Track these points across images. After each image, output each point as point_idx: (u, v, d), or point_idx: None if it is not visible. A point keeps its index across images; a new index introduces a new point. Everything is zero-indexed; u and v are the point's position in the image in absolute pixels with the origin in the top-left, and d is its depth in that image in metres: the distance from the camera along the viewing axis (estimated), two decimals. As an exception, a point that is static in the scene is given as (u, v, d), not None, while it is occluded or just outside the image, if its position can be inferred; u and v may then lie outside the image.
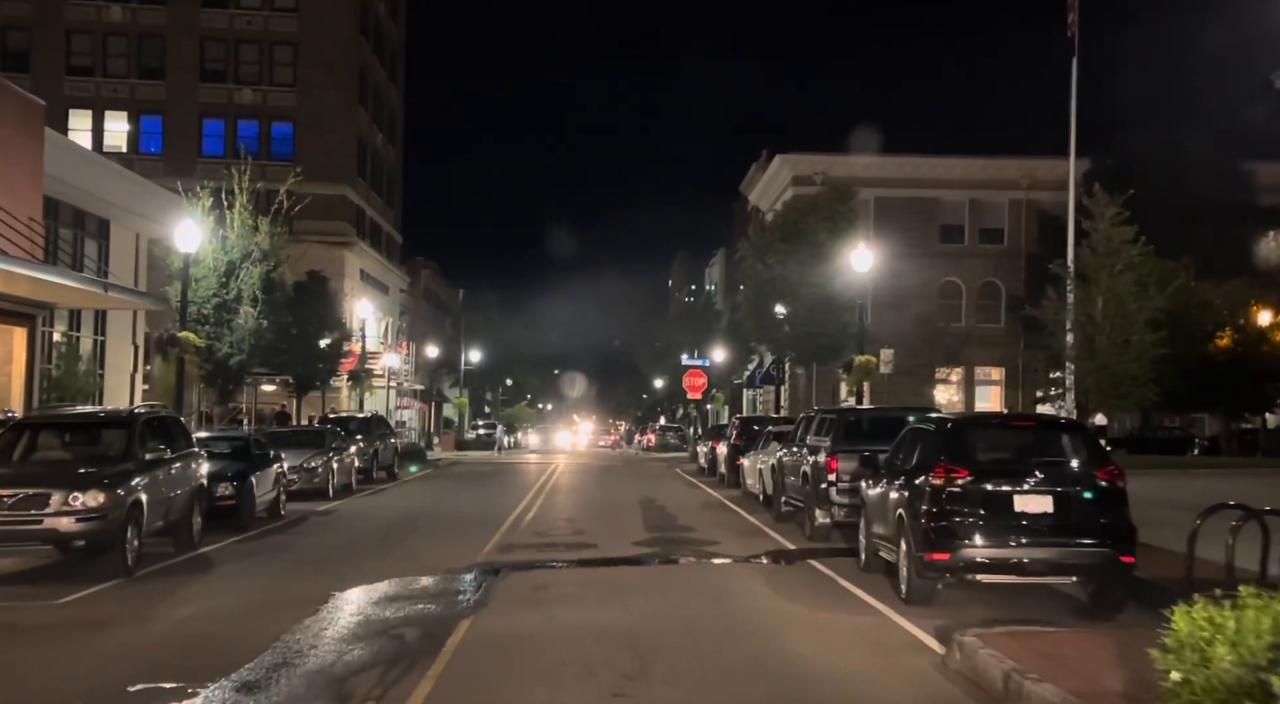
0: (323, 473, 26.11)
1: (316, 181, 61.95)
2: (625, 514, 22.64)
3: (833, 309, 35.38)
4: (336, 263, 59.80)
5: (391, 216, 76.51)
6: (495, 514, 22.37)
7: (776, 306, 35.98)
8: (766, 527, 19.96)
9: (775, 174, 62.90)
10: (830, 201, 35.72)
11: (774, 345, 37.80)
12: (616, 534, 18.80)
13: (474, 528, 19.92)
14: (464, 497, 28.11)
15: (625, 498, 26.93)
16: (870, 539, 13.73)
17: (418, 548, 17.17)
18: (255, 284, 27.95)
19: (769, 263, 35.20)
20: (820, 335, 35.57)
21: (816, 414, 18.97)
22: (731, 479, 30.14)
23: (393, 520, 21.61)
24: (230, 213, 29.18)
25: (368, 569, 14.63)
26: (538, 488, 30.18)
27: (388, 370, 59.85)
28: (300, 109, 62.71)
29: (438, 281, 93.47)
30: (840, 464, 16.71)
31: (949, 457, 11.39)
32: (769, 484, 23.51)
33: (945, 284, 57.85)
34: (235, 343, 27.73)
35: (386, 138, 73.68)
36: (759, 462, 24.67)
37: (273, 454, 21.85)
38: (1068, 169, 54.00)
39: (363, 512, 23.71)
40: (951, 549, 11.03)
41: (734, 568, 15.04)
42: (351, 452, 29.00)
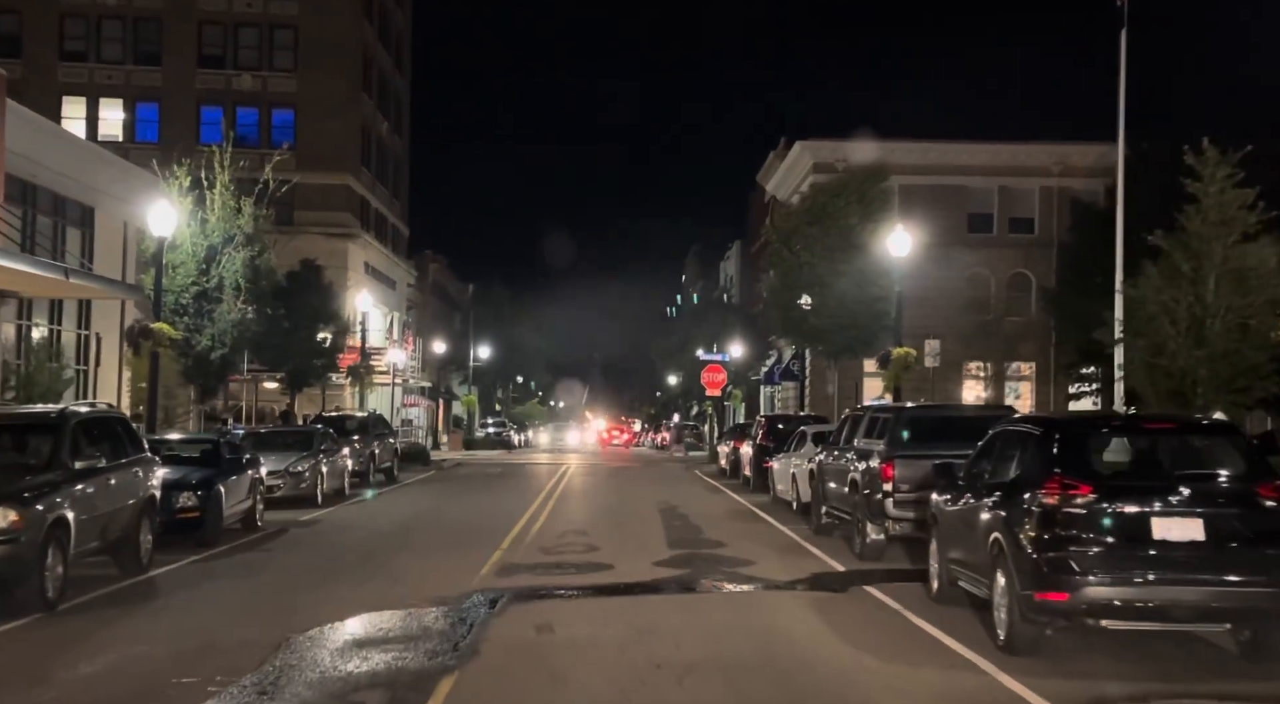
0: (310, 477, 23.74)
1: (318, 170, 59.78)
2: (644, 524, 20.20)
3: (864, 298, 32.86)
4: (339, 255, 57.52)
5: (398, 208, 74.19)
6: (498, 524, 19.96)
7: (803, 296, 33.47)
8: (805, 541, 17.49)
9: (795, 161, 60.33)
10: (861, 183, 33.22)
11: (800, 338, 35.25)
12: (635, 550, 16.37)
13: (473, 542, 17.51)
14: (466, 503, 25.72)
15: (643, 504, 24.50)
16: (947, 565, 11.27)
17: (405, 568, 14.75)
18: (238, 271, 25.56)
19: (795, 249, 32.71)
20: (851, 327, 33.05)
21: (866, 413, 16.50)
22: (758, 483, 27.68)
23: (383, 533, 19.20)
24: (211, 194, 26.83)
25: (340, 599, 12.23)
26: (546, 492, 27.78)
27: (392, 367, 57.55)
28: (301, 95, 60.42)
29: (446, 276, 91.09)
30: (898, 471, 14.25)
31: (1065, 468, 8.91)
32: (803, 491, 21.07)
33: (973, 275, 55.26)
34: (217, 336, 25.36)
35: (392, 127, 71.34)
36: (791, 465, 22.22)
37: (247, 458, 19.46)
38: (1100, 154, 51.58)
39: (352, 522, 21.32)
40: (1071, 588, 8.56)
41: (779, 598, 12.57)
42: (344, 454, 26.63)
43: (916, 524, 14.31)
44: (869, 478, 14.83)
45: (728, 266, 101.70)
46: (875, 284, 33.22)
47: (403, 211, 75.89)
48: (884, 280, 33.45)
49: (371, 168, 65.57)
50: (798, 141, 58.03)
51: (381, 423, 32.36)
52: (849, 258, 32.82)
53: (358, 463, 29.25)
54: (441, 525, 20.72)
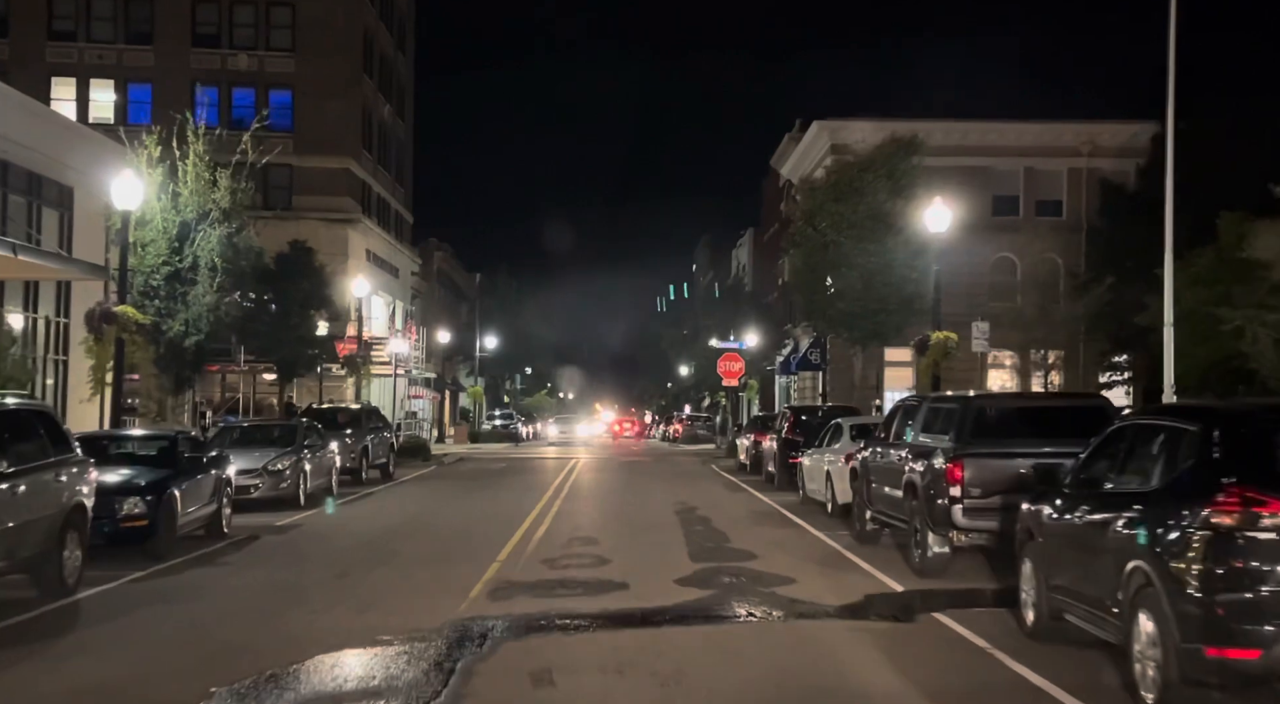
0: (291, 476, 21.46)
1: (317, 154, 57.56)
2: (661, 531, 17.88)
3: (894, 280, 30.51)
4: (339, 242, 55.29)
5: (401, 195, 71.86)
6: (497, 530, 17.68)
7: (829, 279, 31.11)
8: (849, 551, 15.15)
9: (812, 143, 57.92)
10: (890, 156, 30.82)
11: (825, 323, 32.86)
12: (652, 564, 14.06)
13: (466, 553, 15.23)
14: (464, 504, 23.41)
15: (658, 506, 22.18)
16: (1048, 594, 8.94)
17: (382, 589, 12.46)
18: (213, 249, 23.27)
19: (820, 228, 30.32)
20: (880, 311, 30.69)
21: (923, 403, 14.11)
22: (783, 481, 25.35)
23: (366, 541, 16.91)
24: (184, 164, 24.55)
25: (294, 634, 9.96)
26: (553, 491, 25.48)
27: (394, 357, 55.31)
28: (300, 76, 58.07)
29: (452, 264, 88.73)
30: (968, 472, 11.89)
31: (1243, 476, 6.55)
32: (840, 491, 18.75)
33: (998, 260, 52.87)
34: (191, 321, 23.08)
35: (395, 111, 68.98)
36: (825, 462, 19.88)
37: (212, 456, 17.19)
38: (1132, 133, 49.12)
39: (334, 527, 19.05)
40: (1265, 643, 6.22)
41: (833, 632, 10.25)
42: (332, 449, 24.35)
43: (990, 535, 12.00)
44: (930, 480, 12.48)
45: (740, 255, 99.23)
46: (907, 265, 30.89)
47: (406, 198, 73.57)
48: (917, 260, 31.13)
49: (373, 152, 63.25)
50: (815, 121, 55.64)
51: (376, 416, 30.09)
52: (878, 236, 30.46)
53: (349, 459, 27.03)
54: (433, 531, 18.42)
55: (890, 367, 50.90)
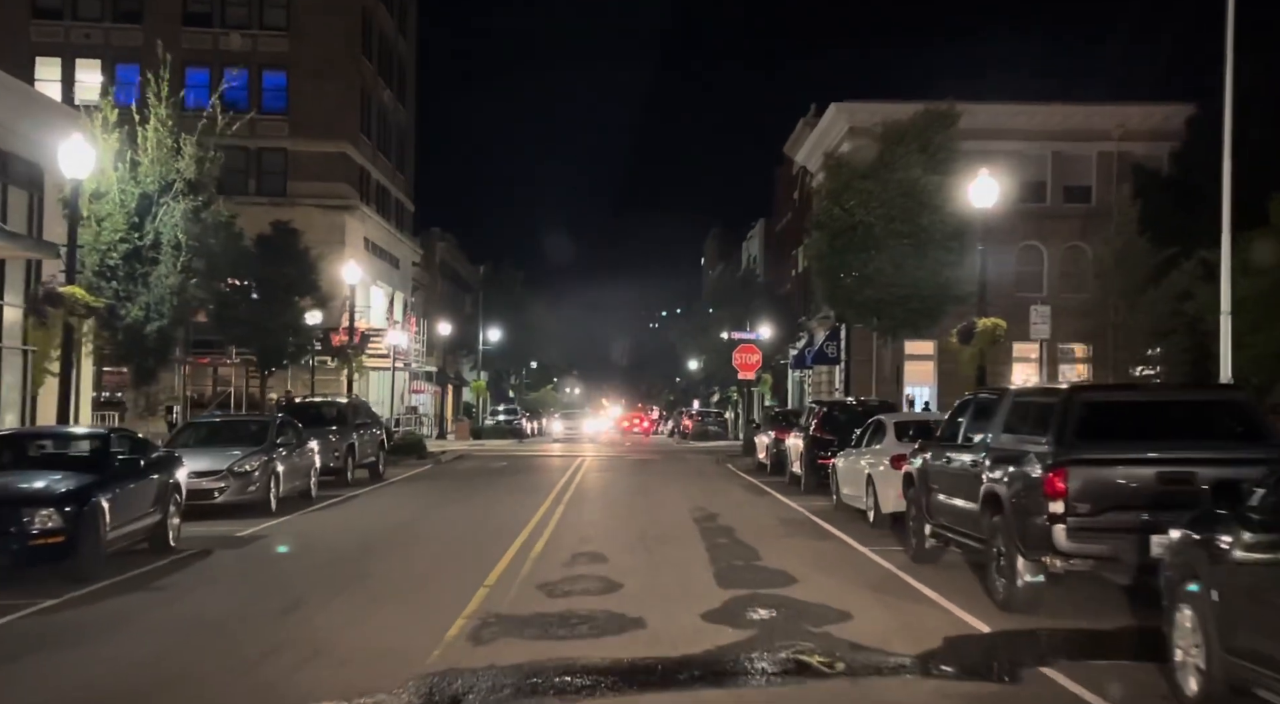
0: (260, 478, 19.04)
1: (313, 138, 55.15)
2: (679, 544, 15.41)
3: (928, 264, 28.03)
4: (336, 230, 52.89)
5: (402, 182, 69.43)
6: (490, 543, 15.25)
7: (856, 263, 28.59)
8: (906, 573, 12.67)
9: (828, 127, 55.41)
10: (925, 129, 28.29)
11: (851, 312, 30.37)
12: (672, 590, 11.62)
13: (450, 574, 12.83)
14: (457, 510, 20.95)
15: (674, 512, 19.72)
16: (1231, 658, 6.47)
17: (337, 627, 10.02)
18: (177, 225, 20.85)
19: (848, 206, 27.80)
20: (913, 297, 28.20)
21: (1004, 397, 11.58)
22: (812, 483, 22.88)
23: (334, 558, 14.48)
24: (144, 130, 22.14)
25: (206, 697, 7.53)
26: (556, 494, 23.04)
27: (392, 349, 52.96)
28: (295, 56, 55.67)
29: (456, 256, 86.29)
30: (1074, 483, 9.41)
31: None
32: (883, 498, 16.31)
33: (1024, 249, 50.39)
34: (152, 304, 20.66)
35: (395, 95, 66.52)
36: (864, 464, 17.41)
37: (155, 458, 14.75)
38: (1165, 116, 46.50)
39: (302, 539, 16.60)
40: None
41: (918, 694, 7.79)
42: (310, 448, 21.92)
43: (1100, 562, 9.54)
44: (1022, 492, 10.00)
45: (750, 247, 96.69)
46: (942, 247, 28.40)
47: (407, 186, 71.13)
48: (953, 242, 28.67)
49: (372, 137, 60.81)
50: (833, 103, 53.15)
51: (364, 410, 27.65)
52: (911, 216, 27.95)
53: (332, 458, 24.60)
54: (415, 545, 15.96)
55: (911, 360, 48.53)
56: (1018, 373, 51.88)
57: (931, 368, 50.27)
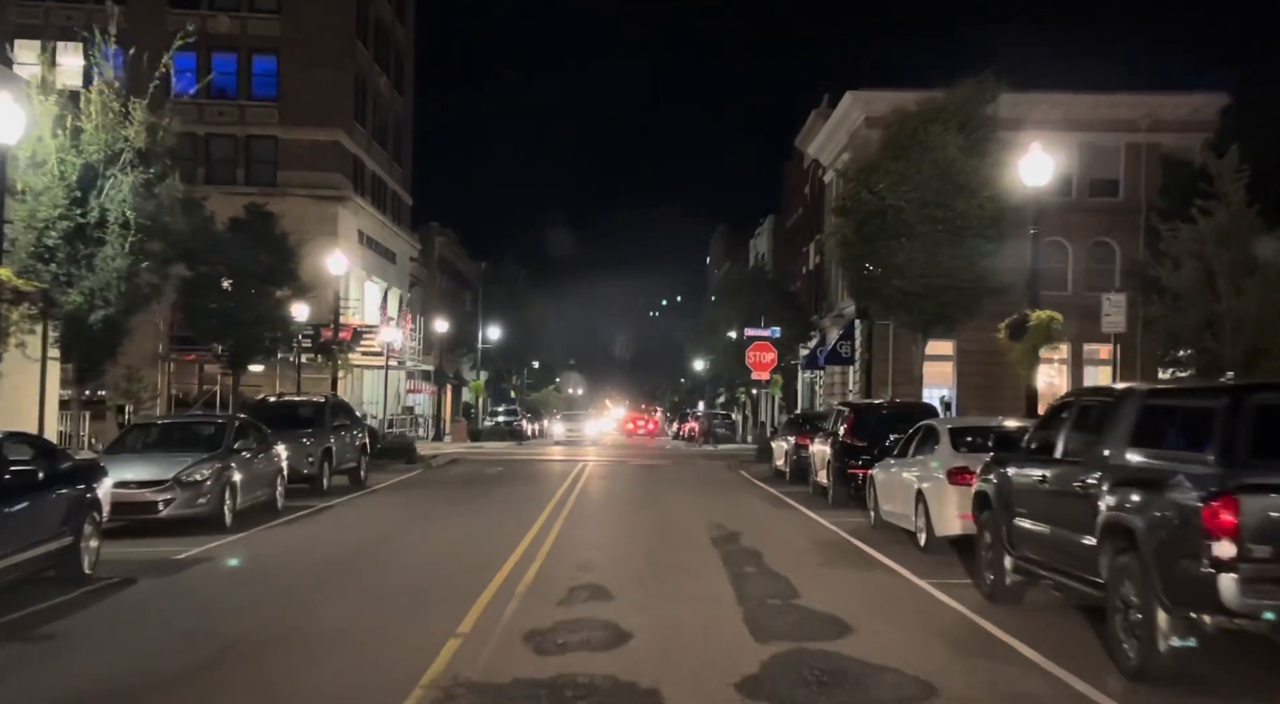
0: (212, 489, 16.53)
1: (305, 125, 52.65)
2: (698, 574, 12.86)
3: (964, 253, 25.51)
4: (328, 221, 50.42)
5: (399, 174, 66.94)
6: (470, 571, 12.74)
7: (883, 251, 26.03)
8: (985, 618, 10.12)
9: (843, 117, 52.94)
10: (963, 104, 25.71)
11: (879, 305, 27.78)
12: (695, 644, 9.09)
13: (415, 616, 10.30)
14: (439, 525, 18.40)
15: (689, 529, 17.16)
16: None
17: (256, 699, 7.52)
18: (125, 200, 18.36)
19: (877, 189, 25.25)
20: (947, 289, 25.65)
21: (1131, 399, 8.94)
22: (840, 496, 20.36)
23: (280, 591, 11.97)
24: (88, 92, 19.64)
25: None
26: (553, 507, 20.49)
27: (387, 347, 50.44)
28: (286, 40, 53.19)
29: (456, 252, 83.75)
30: (1246, 517, 6.88)
31: None
32: (938, 518, 13.79)
33: (1048, 245, 47.86)
34: (97, 290, 18.17)
35: (392, 84, 64.03)
36: (913, 478, 14.85)
37: (67, 468, 12.24)
38: (1197, 106, 43.95)
39: (250, 563, 14.09)
40: None
41: None
42: (277, 453, 19.40)
43: None
44: (1166, 526, 7.46)
45: (758, 244, 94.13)
46: (980, 234, 25.85)
47: (405, 179, 68.63)
48: (991, 230, 26.14)
49: (367, 126, 58.31)
50: (848, 92, 50.65)
51: (343, 410, 25.11)
52: (946, 200, 25.40)
53: (306, 464, 22.11)
54: (382, 573, 13.40)
55: (929, 361, 45.94)
56: (1041, 375, 49.42)
57: (950, 369, 47.81)
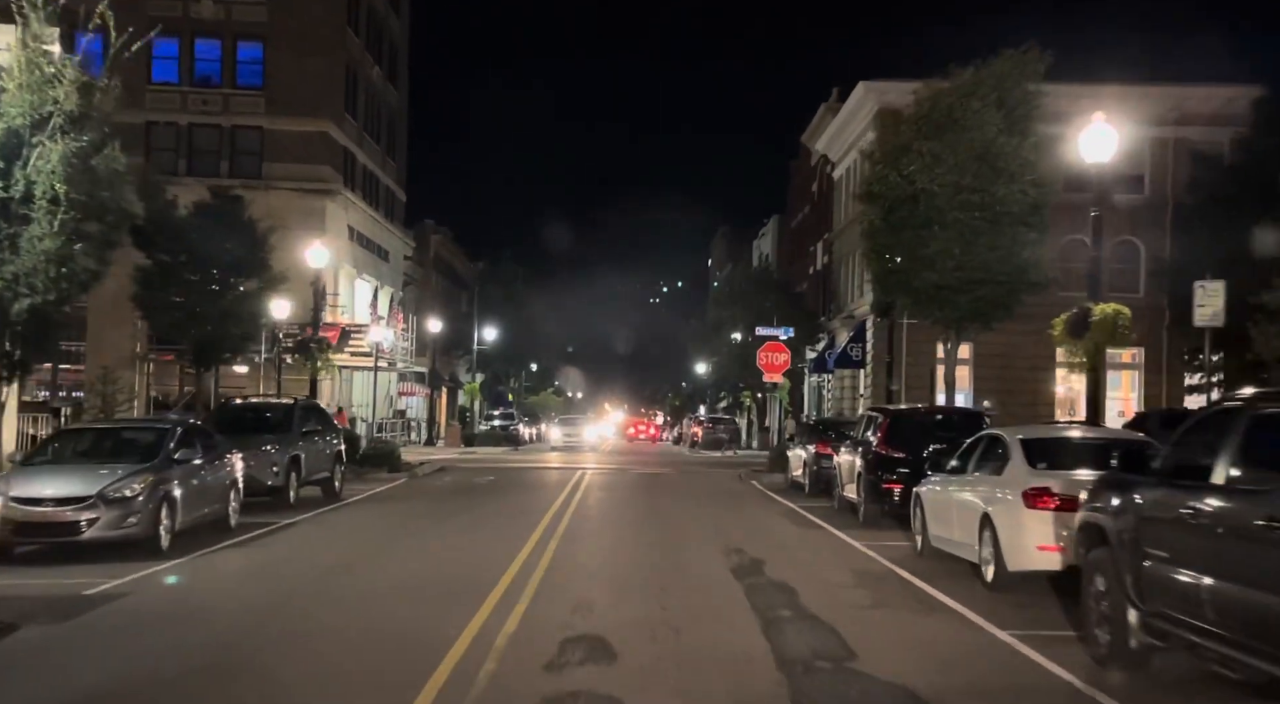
0: (146, 507, 14.04)
1: (292, 115, 50.11)
2: (721, 624, 10.36)
3: (1003, 243, 23.09)
4: (315, 215, 47.92)
5: (392, 170, 64.44)
6: (439, 615, 10.32)
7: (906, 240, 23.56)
8: (1100, 690, 7.66)
9: (854, 110, 50.53)
10: (1002, 79, 23.21)
11: (908, 300, 25.32)
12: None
13: (363, 680, 7.82)
14: (414, 548, 15.90)
15: (704, 559, 14.59)
16: None
17: None
18: (55, 174, 15.92)
19: (908, 172, 22.78)
20: (985, 282, 23.22)
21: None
22: (872, 514, 17.90)
23: (203, 641, 9.47)
24: (11, 49, 17.16)
25: None
26: (547, 524, 18.00)
27: (376, 347, 47.94)
28: (273, 26, 50.67)
29: (452, 250, 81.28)
30: None
31: None
32: (1011, 549, 11.31)
33: (1069, 243, 45.44)
34: (22, 275, 15.72)
35: (386, 75, 61.55)
36: (976, 499, 12.35)
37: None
38: (1227, 98, 41.50)
39: (181, 600, 11.67)
40: None
41: None
42: (229, 464, 16.93)
43: None
44: None
45: (762, 245, 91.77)
46: (1020, 222, 23.44)
47: (399, 174, 66.13)
48: (1032, 217, 23.72)
49: (358, 117, 55.79)
50: (860, 82, 48.19)
51: (315, 414, 22.59)
52: (983, 184, 22.96)
53: (269, 474, 19.64)
54: (331, 613, 10.91)
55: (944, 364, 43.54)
56: (1060, 379, 47.01)
57: (966, 372, 45.44)
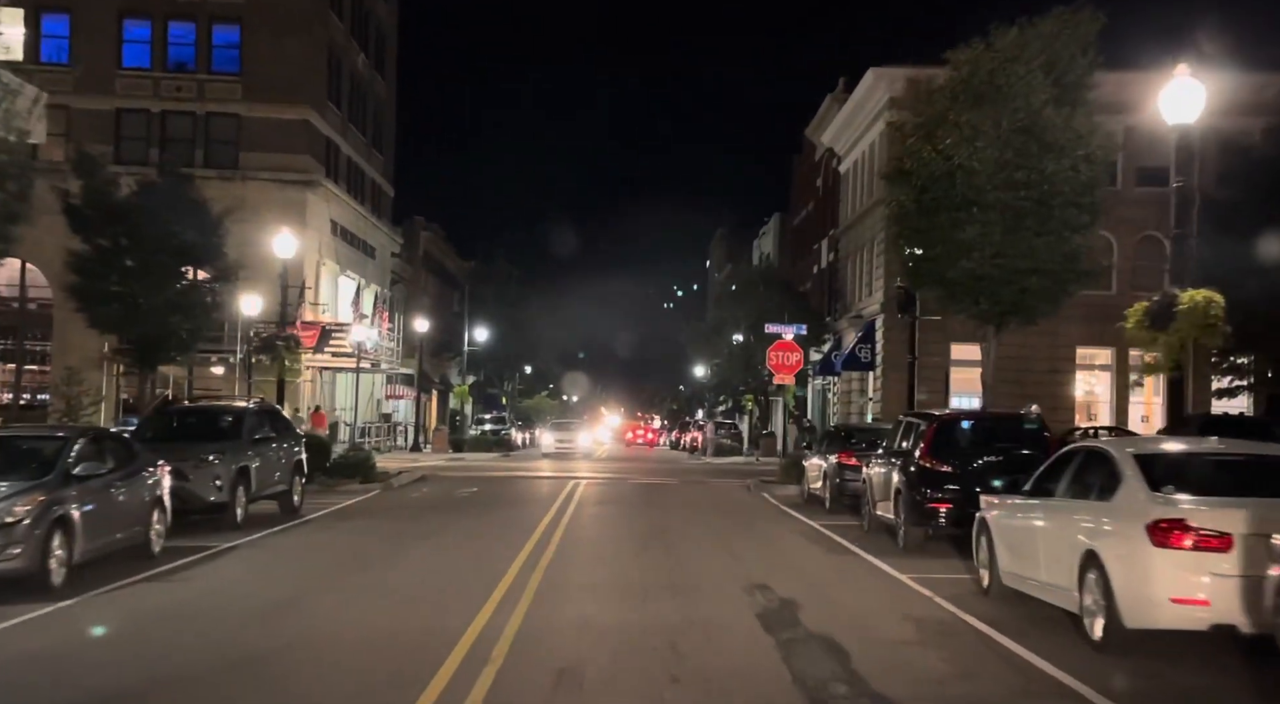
0: (32, 534, 11.30)
1: (269, 102, 47.37)
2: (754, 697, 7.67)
3: (1052, 227, 20.43)
4: (295, 208, 45.23)
5: (379, 163, 61.75)
6: (390, 685, 7.59)
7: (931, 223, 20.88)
8: None
9: (864, 99, 47.99)
10: (1051, 40, 20.50)
11: (941, 291, 22.59)
12: None
13: None
14: (370, 583, 13.08)
15: (722, 602, 11.75)
16: None
17: None
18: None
19: (943, 147, 20.04)
20: (1031, 272, 20.52)
21: None
22: (914, 538, 15.18)
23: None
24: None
25: None
26: (530, 550, 15.24)
27: (358, 347, 45.27)
28: (250, 8, 48.00)
29: (443, 248, 78.55)
30: None
31: None
32: (1130, 601, 8.63)
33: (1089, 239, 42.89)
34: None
35: (372, 63, 58.89)
36: (1074, 529, 9.61)
37: None
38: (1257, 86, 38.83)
39: (58, 657, 8.94)
40: None
41: None
42: (150, 479, 14.18)
43: None
44: None
45: (763, 244, 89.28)
46: (1072, 203, 20.76)
47: (386, 168, 63.41)
48: (1084, 198, 21.05)
49: (342, 106, 53.10)
50: (870, 69, 45.59)
51: (270, 420, 19.77)
52: (1030, 160, 20.27)
53: (211, 489, 16.91)
54: (239, 686, 8.19)
55: (955, 366, 40.91)
56: (1081, 382, 44.45)
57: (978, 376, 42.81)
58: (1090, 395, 45.17)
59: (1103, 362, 44.59)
